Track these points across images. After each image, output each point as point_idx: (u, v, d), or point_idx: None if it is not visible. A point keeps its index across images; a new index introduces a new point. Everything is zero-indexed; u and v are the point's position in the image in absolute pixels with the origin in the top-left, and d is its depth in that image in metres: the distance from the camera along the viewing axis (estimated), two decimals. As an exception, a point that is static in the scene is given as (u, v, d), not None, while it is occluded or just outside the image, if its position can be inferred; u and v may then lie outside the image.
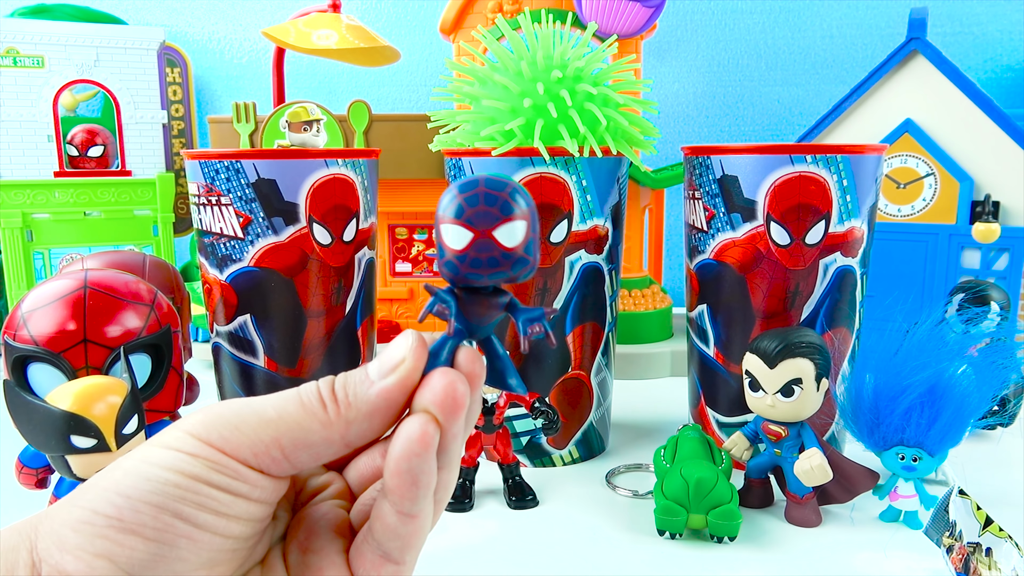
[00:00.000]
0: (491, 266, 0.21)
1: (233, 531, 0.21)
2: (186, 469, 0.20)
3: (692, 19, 1.00)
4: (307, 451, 0.21)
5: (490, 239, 0.21)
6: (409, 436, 0.20)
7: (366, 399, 0.21)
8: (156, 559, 0.20)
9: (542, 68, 0.47)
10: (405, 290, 0.79)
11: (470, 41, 0.74)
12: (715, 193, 0.47)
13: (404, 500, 0.21)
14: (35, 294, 0.39)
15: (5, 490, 0.47)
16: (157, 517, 0.20)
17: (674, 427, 0.53)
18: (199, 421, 0.21)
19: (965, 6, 0.95)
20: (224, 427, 0.21)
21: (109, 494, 0.20)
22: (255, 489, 0.21)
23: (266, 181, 0.44)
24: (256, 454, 0.21)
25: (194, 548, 0.20)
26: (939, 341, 0.41)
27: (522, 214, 0.21)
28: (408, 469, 0.20)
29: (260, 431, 0.21)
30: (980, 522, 0.34)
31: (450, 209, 0.21)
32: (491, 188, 0.21)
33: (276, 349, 0.47)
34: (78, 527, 0.20)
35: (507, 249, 0.21)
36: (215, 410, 0.21)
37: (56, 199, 0.78)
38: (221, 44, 1.05)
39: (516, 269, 0.21)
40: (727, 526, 0.40)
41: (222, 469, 0.20)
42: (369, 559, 0.22)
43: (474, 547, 0.41)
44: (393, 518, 0.21)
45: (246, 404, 0.21)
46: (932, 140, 0.67)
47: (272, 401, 0.21)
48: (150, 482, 0.20)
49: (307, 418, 0.21)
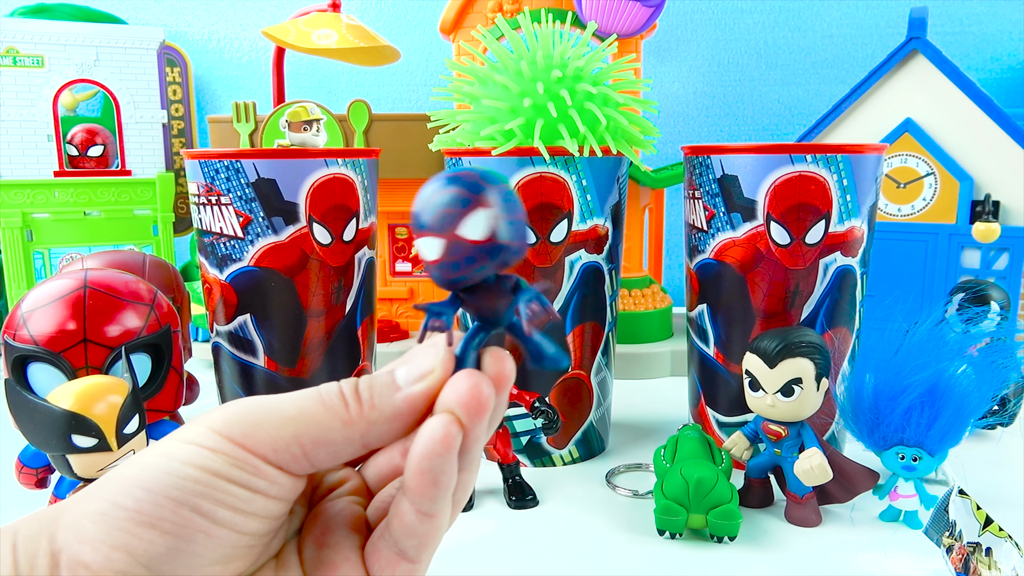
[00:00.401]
0: (470, 264, 0.21)
1: (250, 528, 0.21)
2: (206, 464, 0.20)
3: (692, 19, 1.00)
4: (326, 449, 0.21)
5: (457, 239, 0.20)
6: (432, 436, 0.20)
7: (391, 403, 0.21)
8: (173, 553, 0.20)
9: (542, 68, 0.47)
10: (405, 290, 0.79)
11: (470, 41, 0.74)
12: (715, 193, 0.47)
13: (424, 499, 0.21)
14: (35, 294, 0.39)
15: (5, 490, 0.47)
16: (176, 511, 0.20)
17: (674, 427, 0.53)
18: (220, 417, 0.21)
19: (965, 6, 0.95)
20: (245, 423, 0.21)
21: (130, 487, 0.20)
22: (273, 486, 0.21)
23: (266, 181, 0.44)
24: (276, 451, 0.21)
25: (211, 543, 0.20)
26: (939, 341, 0.41)
27: (477, 203, 0.21)
28: (429, 469, 0.20)
29: (281, 428, 0.21)
30: (980, 522, 0.34)
31: (415, 224, 0.21)
32: (441, 188, 0.21)
33: (276, 349, 0.47)
34: (97, 519, 0.20)
35: (478, 242, 0.21)
36: (237, 407, 0.21)
37: (56, 199, 0.78)
38: (221, 44, 1.05)
39: (495, 257, 0.21)
40: (727, 526, 0.40)
41: (242, 465, 0.20)
42: (385, 556, 0.22)
43: (474, 547, 0.41)
44: (411, 516, 0.21)
45: (267, 401, 0.22)
46: (932, 140, 0.67)
47: (293, 399, 0.22)
48: (170, 476, 0.20)
49: (328, 416, 0.21)
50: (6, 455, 0.49)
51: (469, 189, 0.21)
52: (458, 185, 0.21)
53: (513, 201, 0.21)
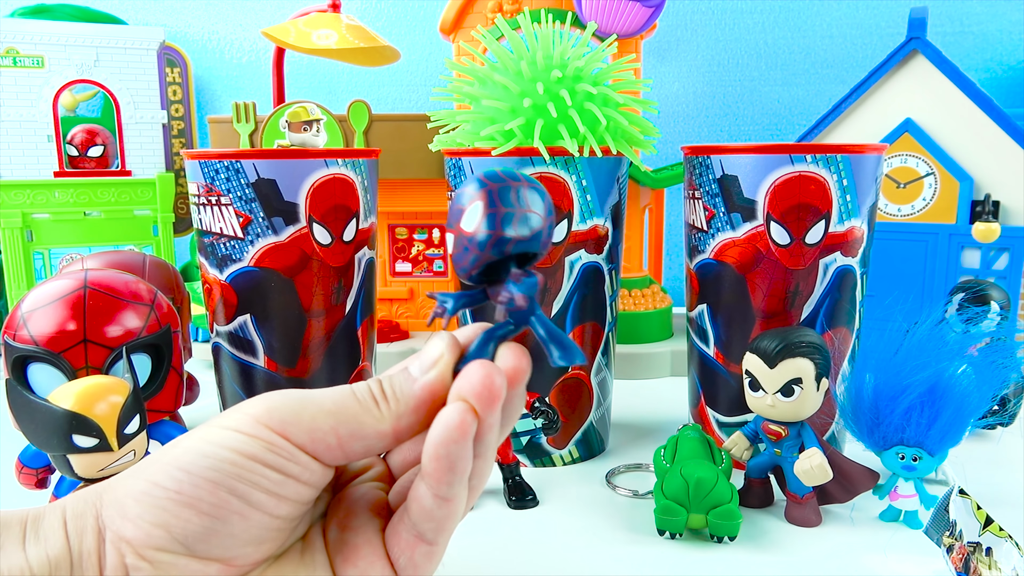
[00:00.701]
0: (466, 254, 0.22)
1: (282, 511, 0.22)
2: (244, 449, 0.21)
3: (692, 19, 1.01)
4: (361, 442, 0.22)
5: (461, 232, 0.22)
6: (447, 423, 0.21)
7: (412, 394, 0.23)
8: (208, 533, 0.21)
9: (542, 68, 0.47)
10: (405, 290, 0.79)
11: (470, 41, 0.74)
12: (715, 193, 0.47)
13: (440, 484, 0.22)
14: (35, 294, 0.39)
15: (5, 490, 0.47)
16: (214, 492, 0.21)
17: (674, 427, 0.53)
18: (261, 404, 0.22)
19: (965, 6, 0.95)
20: (286, 412, 0.22)
21: (170, 468, 0.21)
22: (306, 472, 0.22)
23: (266, 181, 0.44)
24: (313, 440, 0.22)
25: (244, 525, 0.21)
26: (939, 341, 0.41)
27: (475, 197, 0.22)
28: (445, 454, 0.21)
29: (319, 419, 0.22)
30: (980, 522, 0.34)
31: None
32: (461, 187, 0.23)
33: (276, 349, 0.47)
34: (140, 497, 0.21)
35: (471, 234, 0.22)
36: (277, 397, 0.23)
37: (56, 199, 0.78)
38: (221, 44, 1.05)
39: (490, 250, 0.22)
40: (727, 526, 0.40)
41: (278, 451, 0.22)
42: (404, 539, 0.23)
43: (474, 547, 0.41)
44: (429, 500, 0.22)
45: (307, 394, 0.23)
46: (932, 140, 0.67)
47: (329, 394, 0.23)
48: (208, 459, 0.21)
49: (362, 412, 0.22)
50: (6, 455, 0.49)
51: (475, 185, 0.22)
52: (470, 183, 0.22)
53: (526, 197, 0.22)
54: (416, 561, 0.23)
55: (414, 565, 0.23)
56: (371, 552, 0.23)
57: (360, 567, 0.23)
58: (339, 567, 0.23)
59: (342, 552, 0.24)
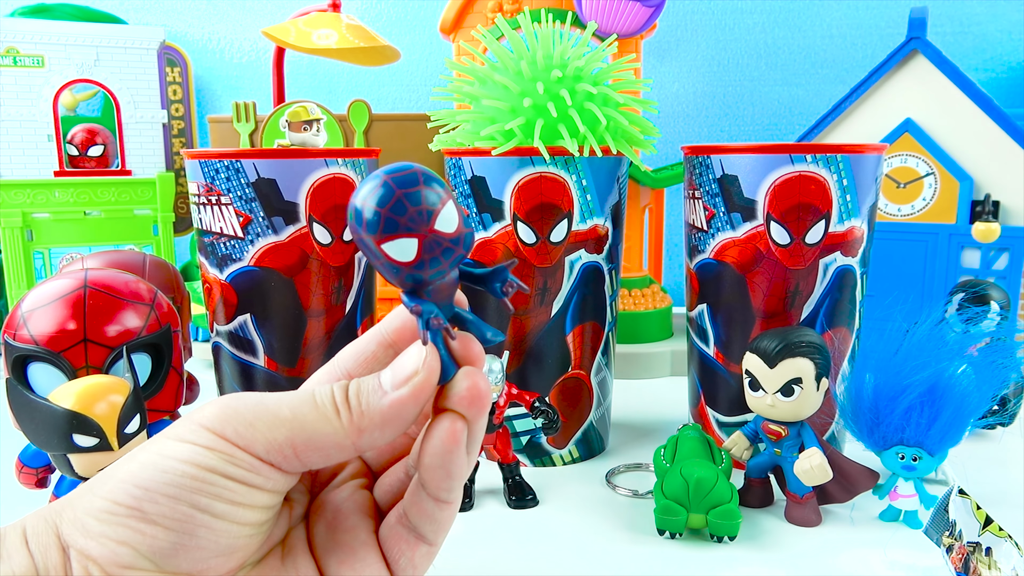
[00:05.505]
0: (447, 257, 0.21)
1: (249, 518, 0.21)
2: (201, 462, 0.21)
3: (692, 19, 1.00)
4: (319, 453, 0.22)
5: (435, 234, 0.20)
6: (443, 439, 0.22)
7: (379, 409, 0.22)
8: (176, 548, 0.20)
9: (542, 68, 0.47)
10: (405, 290, 0.79)
11: (470, 41, 0.74)
12: (715, 193, 0.47)
13: (441, 490, 0.22)
14: (35, 294, 0.39)
15: (5, 490, 0.47)
16: (175, 508, 0.20)
17: (674, 427, 0.53)
18: (213, 415, 0.21)
19: (965, 6, 0.95)
20: (239, 423, 0.21)
21: (127, 485, 0.20)
22: (268, 480, 0.22)
23: (266, 181, 0.44)
24: (269, 451, 0.21)
25: (212, 536, 0.21)
26: (939, 341, 0.41)
27: (447, 195, 0.20)
28: (443, 464, 0.22)
29: (274, 430, 0.21)
30: (980, 522, 0.34)
31: (379, 226, 0.20)
32: (405, 186, 0.20)
33: (276, 349, 0.47)
34: (101, 516, 0.20)
35: (451, 235, 0.21)
36: (230, 404, 0.22)
37: (56, 199, 0.78)
38: (221, 44, 1.05)
39: (467, 246, 0.21)
40: (727, 526, 0.40)
41: (237, 462, 0.21)
42: (404, 540, 0.23)
43: (474, 547, 0.41)
44: (430, 505, 0.23)
45: (261, 401, 0.22)
46: (932, 140, 0.67)
47: (287, 400, 0.22)
48: (166, 474, 0.20)
49: (320, 422, 0.21)
50: (6, 455, 0.49)
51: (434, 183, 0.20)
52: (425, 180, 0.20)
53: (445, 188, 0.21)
54: (416, 562, 0.23)
55: (414, 565, 0.23)
56: (367, 554, 0.23)
57: (356, 568, 0.23)
58: (332, 569, 0.23)
59: (335, 555, 0.23)
